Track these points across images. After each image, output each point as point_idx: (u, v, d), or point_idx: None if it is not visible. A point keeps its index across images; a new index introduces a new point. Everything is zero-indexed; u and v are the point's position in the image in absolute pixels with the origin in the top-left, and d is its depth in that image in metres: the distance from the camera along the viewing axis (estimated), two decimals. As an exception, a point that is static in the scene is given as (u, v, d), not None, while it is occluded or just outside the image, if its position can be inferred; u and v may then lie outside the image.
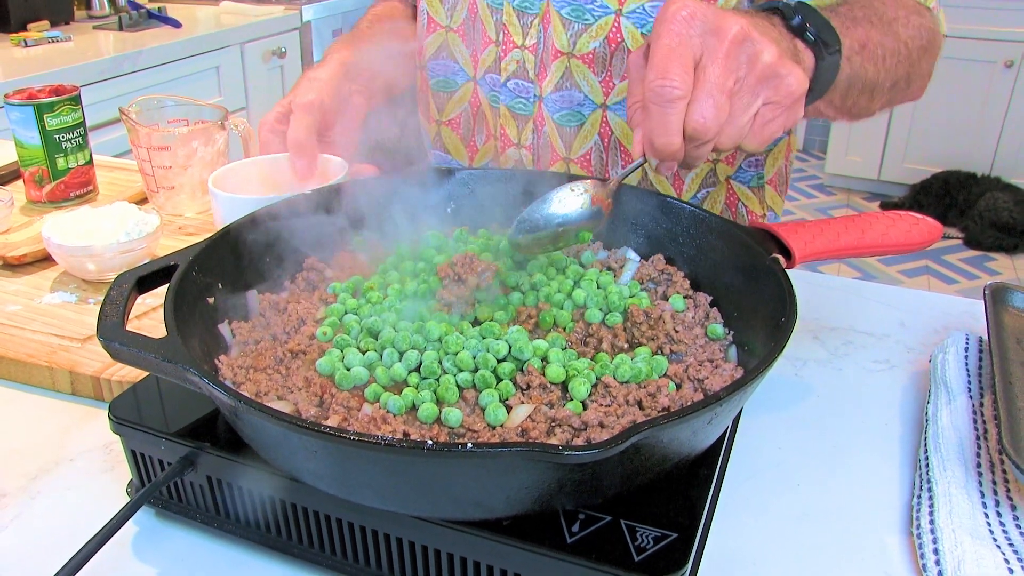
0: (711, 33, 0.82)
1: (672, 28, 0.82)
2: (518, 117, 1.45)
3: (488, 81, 1.46)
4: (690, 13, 0.82)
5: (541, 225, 0.91)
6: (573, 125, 1.41)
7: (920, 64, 1.19)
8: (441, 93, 1.54)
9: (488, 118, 1.50)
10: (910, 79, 1.19)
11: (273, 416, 0.62)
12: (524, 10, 1.37)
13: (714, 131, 0.82)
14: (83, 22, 3.62)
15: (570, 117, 1.40)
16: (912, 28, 1.16)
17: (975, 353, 1.02)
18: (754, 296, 0.89)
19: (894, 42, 1.12)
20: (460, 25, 1.47)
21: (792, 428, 0.97)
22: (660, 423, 0.61)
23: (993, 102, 4.87)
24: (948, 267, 4.58)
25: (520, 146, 1.47)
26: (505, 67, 1.42)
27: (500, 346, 0.80)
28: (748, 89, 0.84)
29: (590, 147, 1.42)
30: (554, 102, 1.40)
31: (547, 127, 1.42)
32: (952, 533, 0.78)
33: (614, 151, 1.42)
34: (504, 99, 1.45)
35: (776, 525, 0.83)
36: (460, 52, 1.49)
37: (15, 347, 1.05)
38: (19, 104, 1.47)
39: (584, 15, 1.32)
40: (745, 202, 1.51)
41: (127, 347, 0.73)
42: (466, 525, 0.67)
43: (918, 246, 1.00)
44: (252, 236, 0.95)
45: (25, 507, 0.85)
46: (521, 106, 1.44)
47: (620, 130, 1.39)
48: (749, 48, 0.84)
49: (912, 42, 1.16)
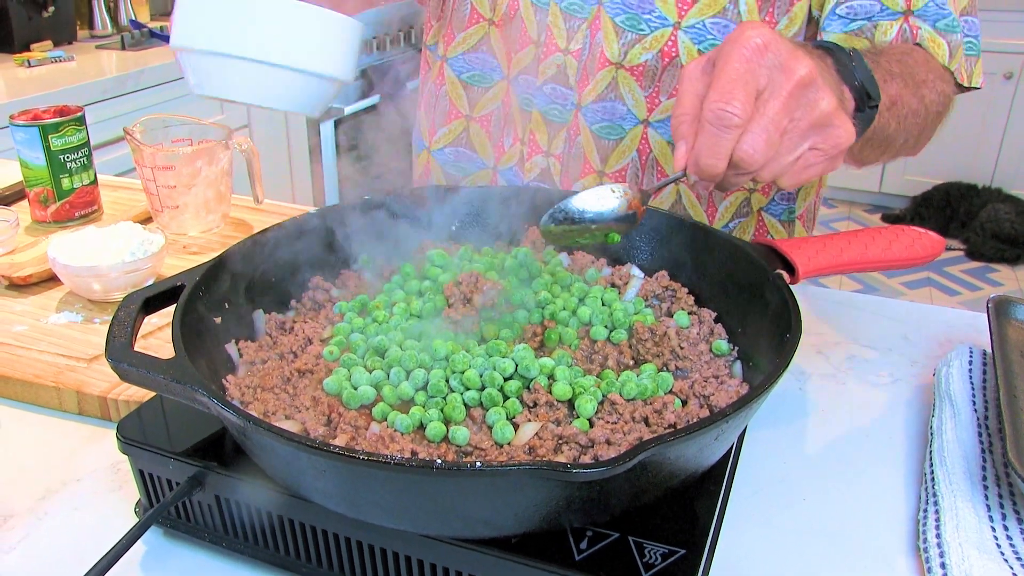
0: (780, 69, 0.83)
1: (744, 53, 0.82)
2: (551, 124, 1.42)
3: (522, 82, 1.43)
4: (764, 43, 0.83)
5: (575, 217, 0.91)
6: (612, 139, 1.38)
7: (932, 128, 1.22)
8: (475, 88, 1.50)
9: (517, 121, 1.47)
10: (919, 139, 1.21)
11: (282, 436, 0.62)
12: (572, 13, 1.34)
13: (760, 164, 0.83)
14: (86, 42, 3.63)
15: (609, 130, 1.38)
16: (935, 94, 1.17)
17: (979, 366, 1.02)
18: (758, 312, 0.89)
19: (919, 104, 1.14)
20: (501, 19, 1.43)
21: (797, 443, 0.97)
22: (667, 440, 0.62)
23: (993, 114, 4.88)
24: (950, 279, 4.58)
25: (549, 154, 1.45)
26: (543, 70, 1.39)
27: (507, 364, 0.80)
28: (800, 131, 0.85)
29: (626, 163, 1.39)
30: (594, 112, 1.38)
31: (582, 137, 1.40)
32: (959, 547, 0.78)
33: (651, 169, 1.40)
34: (538, 103, 1.42)
35: (782, 540, 0.83)
36: (499, 47, 1.45)
37: (22, 367, 1.06)
38: (24, 125, 1.48)
39: (639, 25, 1.30)
40: (774, 234, 1.50)
41: (136, 368, 0.73)
42: (474, 543, 0.67)
43: (921, 260, 1.00)
44: (258, 256, 0.96)
45: (33, 528, 0.85)
46: (556, 112, 1.41)
47: (659, 149, 1.38)
48: (812, 93, 0.84)
49: (932, 107, 1.17)
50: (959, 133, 4.93)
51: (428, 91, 1.57)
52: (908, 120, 1.12)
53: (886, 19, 1.23)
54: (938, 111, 1.20)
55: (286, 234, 0.99)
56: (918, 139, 1.21)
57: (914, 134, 1.17)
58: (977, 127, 4.94)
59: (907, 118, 1.12)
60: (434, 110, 1.57)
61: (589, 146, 1.40)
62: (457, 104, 1.53)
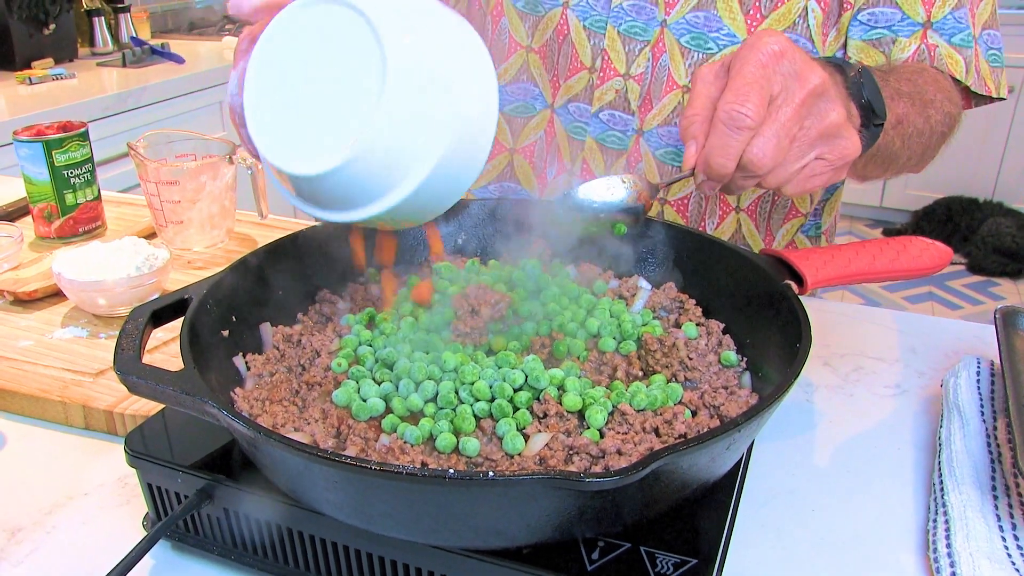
0: (794, 77, 0.84)
1: (760, 59, 0.83)
2: (608, 151, 1.39)
3: (572, 111, 1.40)
4: (780, 50, 0.84)
5: (585, 205, 0.91)
6: (676, 165, 1.35)
7: (936, 147, 1.22)
8: (517, 119, 1.47)
9: (564, 150, 1.43)
10: (923, 158, 1.22)
11: (294, 447, 0.62)
12: (633, 36, 1.30)
13: (768, 168, 0.84)
14: (87, 59, 3.65)
15: (675, 156, 1.35)
16: (942, 115, 1.17)
17: (987, 377, 1.02)
18: (767, 323, 0.89)
19: (925, 123, 1.14)
20: (542, 46, 1.39)
21: (805, 454, 0.97)
22: (680, 449, 0.61)
23: (995, 128, 4.89)
24: (952, 293, 4.58)
25: None
26: (600, 96, 1.36)
27: (516, 375, 0.80)
28: (808, 140, 0.86)
29: (690, 191, 1.37)
30: (659, 137, 1.34)
31: (643, 164, 1.37)
32: (970, 556, 0.78)
33: (713, 199, 1.38)
34: (593, 131, 1.38)
35: (792, 550, 0.83)
36: (540, 75, 1.42)
37: (28, 382, 1.06)
38: (28, 141, 1.48)
39: (706, 43, 1.27)
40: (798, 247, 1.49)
41: (144, 380, 0.73)
42: (486, 554, 0.67)
43: (929, 271, 1.00)
44: (265, 269, 0.96)
45: (41, 542, 0.85)
46: (615, 139, 1.38)
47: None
48: (823, 104, 0.86)
49: (938, 127, 1.17)
50: (961, 147, 4.92)
51: None
52: (913, 139, 1.13)
53: (906, 30, 1.23)
54: (943, 131, 1.20)
55: (292, 247, 0.99)
56: (922, 157, 1.21)
57: (918, 153, 1.18)
58: (978, 141, 4.95)
59: (912, 137, 1.12)
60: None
61: (652, 172, 1.37)
62: (500, 138, 1.50)
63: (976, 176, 5.07)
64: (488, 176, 1.53)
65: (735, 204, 1.38)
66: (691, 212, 1.39)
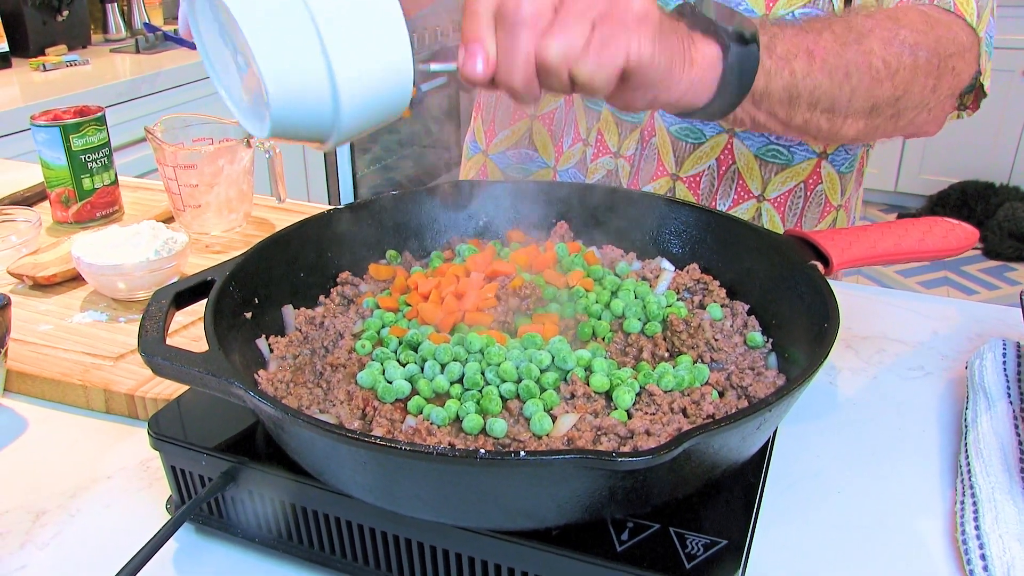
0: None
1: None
2: (622, 123, 1.38)
3: None
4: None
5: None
6: (691, 141, 1.34)
7: (913, 89, 1.06)
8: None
9: (580, 120, 1.43)
10: (898, 105, 1.06)
11: (322, 428, 0.62)
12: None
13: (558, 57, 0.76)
14: (100, 46, 3.64)
15: (689, 132, 1.34)
16: (897, 45, 1.03)
17: (1013, 359, 1.01)
18: (792, 304, 0.89)
19: (863, 56, 1.01)
20: None
21: (829, 437, 0.96)
22: (711, 429, 0.61)
23: (1010, 111, 4.85)
24: (968, 278, 4.56)
25: (619, 155, 1.40)
26: None
27: (543, 356, 0.80)
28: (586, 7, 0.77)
29: (702, 169, 1.36)
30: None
31: (657, 139, 1.36)
32: (999, 539, 0.77)
33: (729, 181, 1.36)
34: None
35: (819, 533, 0.83)
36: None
37: (48, 366, 1.05)
38: (45, 125, 1.48)
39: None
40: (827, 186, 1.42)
41: (170, 362, 0.73)
42: (515, 535, 0.67)
43: (954, 252, 0.99)
44: (286, 251, 0.96)
45: (65, 525, 0.85)
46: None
47: (744, 161, 1.34)
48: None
49: (895, 60, 1.03)
50: (975, 131, 4.90)
51: (487, 94, 1.53)
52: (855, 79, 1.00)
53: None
54: (914, 65, 1.04)
55: (313, 229, 0.99)
56: (897, 104, 1.06)
57: (884, 97, 1.04)
58: (994, 125, 4.91)
59: (849, 76, 0.99)
60: (494, 112, 1.53)
61: (665, 148, 1.36)
62: (503, 113, 1.49)
63: (992, 160, 5.04)
64: (507, 141, 1.52)
65: (757, 192, 1.37)
66: (703, 190, 1.38)
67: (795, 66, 0.95)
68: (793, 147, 1.33)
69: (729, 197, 1.37)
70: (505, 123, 1.52)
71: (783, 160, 1.34)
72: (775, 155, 1.33)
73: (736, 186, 1.37)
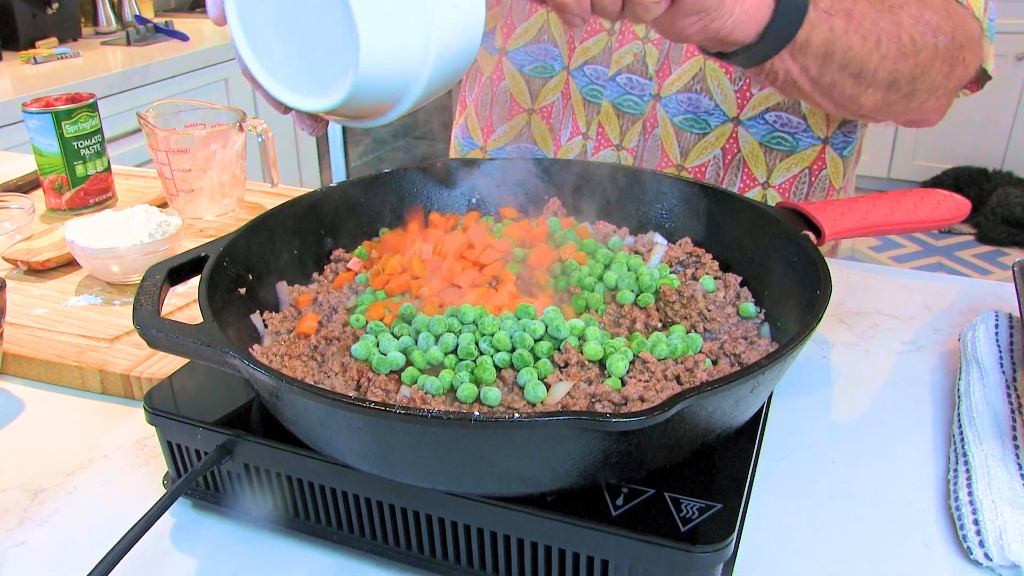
0: None
1: None
2: (624, 116, 1.38)
3: (588, 72, 1.38)
4: None
5: None
6: (695, 132, 1.34)
7: (930, 71, 1.07)
8: (536, 79, 1.45)
9: (578, 113, 1.42)
10: (915, 84, 1.07)
11: (318, 393, 0.62)
12: None
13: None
14: (91, 38, 3.64)
15: (693, 123, 1.33)
16: (923, 25, 1.04)
17: (1006, 329, 1.02)
18: (785, 274, 0.89)
19: (895, 27, 1.02)
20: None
21: (823, 409, 0.97)
22: (705, 391, 0.61)
23: (1004, 96, 4.84)
24: (960, 263, 4.57)
25: (621, 148, 1.40)
26: (618, 59, 1.33)
27: (536, 326, 0.80)
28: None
29: (708, 159, 1.36)
30: (678, 103, 1.33)
31: (660, 129, 1.36)
32: (992, 504, 0.78)
33: (735, 170, 1.36)
34: (610, 94, 1.37)
35: (813, 503, 0.83)
36: (559, 35, 1.39)
37: (44, 348, 1.06)
38: (37, 112, 1.48)
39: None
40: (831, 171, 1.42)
41: (164, 334, 0.73)
42: (510, 501, 0.67)
43: (946, 222, 1.00)
44: (280, 228, 0.96)
45: (63, 502, 0.85)
46: (632, 104, 1.36)
47: (749, 149, 1.34)
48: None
49: (920, 38, 1.04)
50: (968, 116, 4.89)
51: (482, 89, 1.53)
52: (884, 47, 1.01)
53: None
54: (934, 45, 1.05)
55: (306, 207, 0.99)
56: (914, 82, 1.06)
57: (904, 72, 1.05)
58: (987, 110, 4.90)
59: (880, 43, 1.01)
60: (491, 108, 1.52)
61: (669, 139, 1.36)
62: (519, 99, 1.48)
63: (985, 146, 5.03)
64: (506, 137, 1.52)
65: (763, 179, 1.37)
66: (708, 179, 1.37)
67: (835, 23, 0.96)
68: (798, 134, 1.33)
69: (735, 186, 1.37)
70: (502, 119, 1.51)
71: (788, 147, 1.34)
72: (780, 142, 1.34)
73: (742, 174, 1.37)
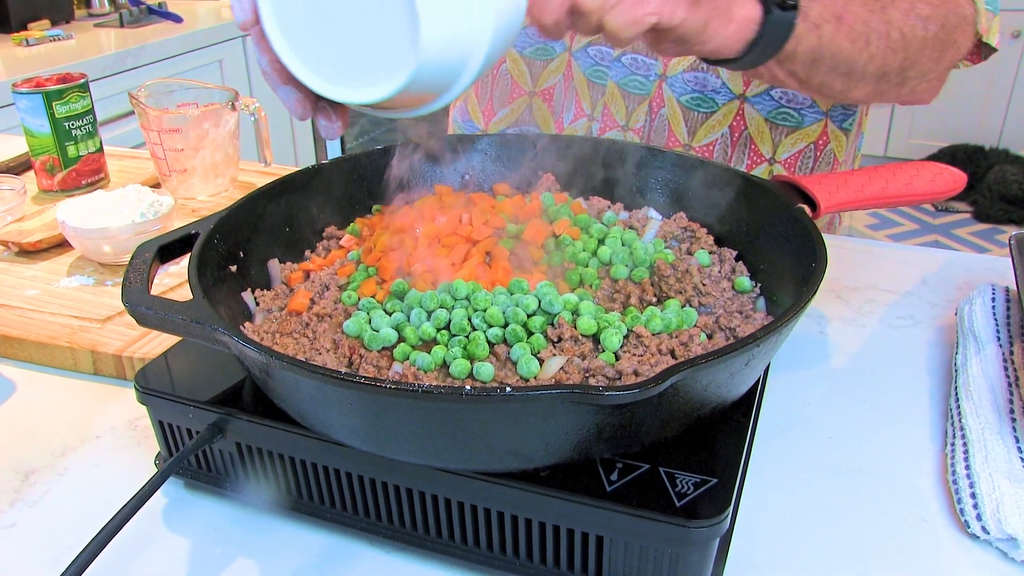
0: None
1: None
2: (630, 96, 1.37)
3: (592, 54, 1.37)
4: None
5: None
6: (702, 111, 1.33)
7: (920, 60, 1.08)
8: (537, 62, 1.44)
9: (582, 95, 1.41)
10: (904, 73, 1.08)
11: (308, 369, 0.61)
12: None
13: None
14: (83, 20, 3.61)
15: (700, 101, 1.33)
16: (913, 18, 1.05)
17: (1002, 303, 1.01)
18: (780, 248, 0.88)
19: (885, 26, 1.03)
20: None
21: (820, 384, 0.96)
22: (699, 363, 0.61)
23: (1000, 74, 4.82)
24: (957, 241, 4.56)
25: (627, 128, 1.39)
26: None
27: (529, 301, 0.79)
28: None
29: (716, 138, 1.35)
30: (684, 83, 1.32)
31: (666, 109, 1.35)
32: (989, 477, 0.77)
33: (742, 147, 1.35)
34: (615, 75, 1.36)
35: (810, 477, 0.83)
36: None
37: (36, 329, 1.05)
38: (28, 92, 1.47)
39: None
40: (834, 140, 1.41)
41: (153, 311, 0.72)
42: (503, 477, 0.67)
43: (942, 195, 0.99)
44: (271, 206, 0.95)
45: (54, 483, 0.85)
46: (637, 84, 1.35)
47: (755, 126, 1.33)
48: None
49: (910, 32, 1.04)
50: (965, 94, 4.88)
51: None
52: (874, 45, 1.02)
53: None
54: (923, 37, 1.06)
55: (298, 184, 0.98)
56: (903, 73, 1.08)
57: (893, 66, 1.06)
58: (984, 87, 4.89)
59: (870, 42, 1.02)
60: (491, 91, 1.51)
61: (676, 119, 1.35)
62: (520, 82, 1.47)
63: (981, 123, 5.02)
64: (508, 119, 1.51)
65: (768, 155, 1.36)
66: (716, 157, 1.36)
67: (823, 31, 0.97)
68: (803, 109, 1.33)
69: (742, 164, 1.37)
70: (504, 101, 1.50)
71: (793, 122, 1.33)
72: (785, 118, 1.33)
73: (749, 151, 1.36)
